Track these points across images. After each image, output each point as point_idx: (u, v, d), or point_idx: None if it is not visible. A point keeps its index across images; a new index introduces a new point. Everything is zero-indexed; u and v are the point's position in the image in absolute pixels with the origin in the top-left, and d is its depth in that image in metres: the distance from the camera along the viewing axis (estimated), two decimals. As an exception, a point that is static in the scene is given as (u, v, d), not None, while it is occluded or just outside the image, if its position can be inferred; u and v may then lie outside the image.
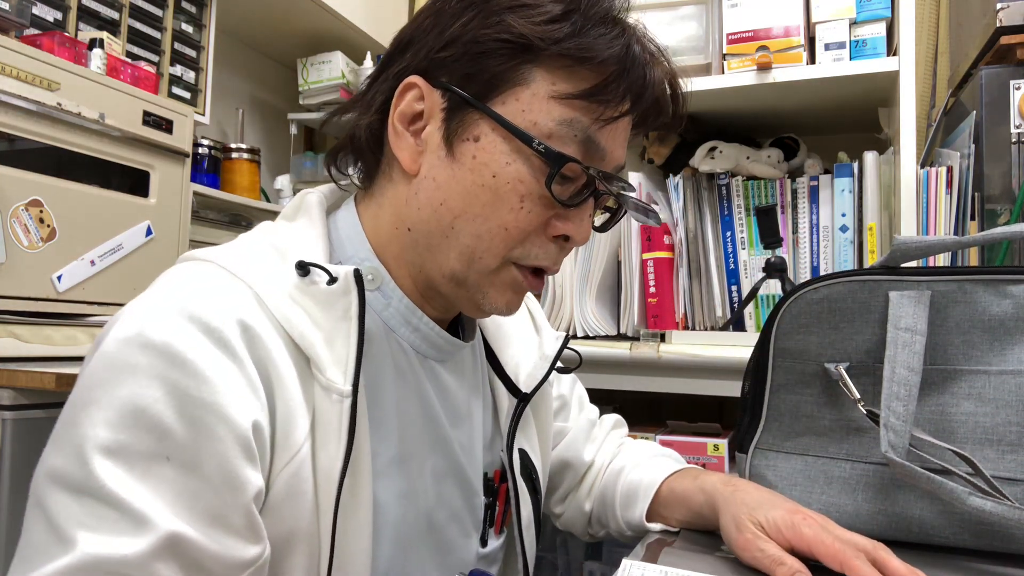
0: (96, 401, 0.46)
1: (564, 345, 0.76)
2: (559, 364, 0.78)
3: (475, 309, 0.62)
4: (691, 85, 0.64)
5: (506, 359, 0.73)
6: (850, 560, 0.54)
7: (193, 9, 1.44)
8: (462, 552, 0.67)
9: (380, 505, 0.57)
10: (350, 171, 0.65)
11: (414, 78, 0.57)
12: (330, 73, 1.67)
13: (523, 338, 0.77)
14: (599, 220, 0.65)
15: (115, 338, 0.48)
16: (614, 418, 0.90)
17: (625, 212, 0.65)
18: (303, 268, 0.54)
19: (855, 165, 1.25)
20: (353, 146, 0.63)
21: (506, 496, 0.71)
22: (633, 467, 0.78)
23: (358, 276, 0.55)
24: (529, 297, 0.82)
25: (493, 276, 0.59)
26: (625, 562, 0.58)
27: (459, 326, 0.69)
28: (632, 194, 0.63)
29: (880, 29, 1.22)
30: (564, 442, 0.83)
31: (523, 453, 0.72)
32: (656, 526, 0.72)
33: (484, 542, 0.69)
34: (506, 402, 0.72)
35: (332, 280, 0.54)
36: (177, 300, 0.49)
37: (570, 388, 0.87)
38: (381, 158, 0.62)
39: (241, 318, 0.50)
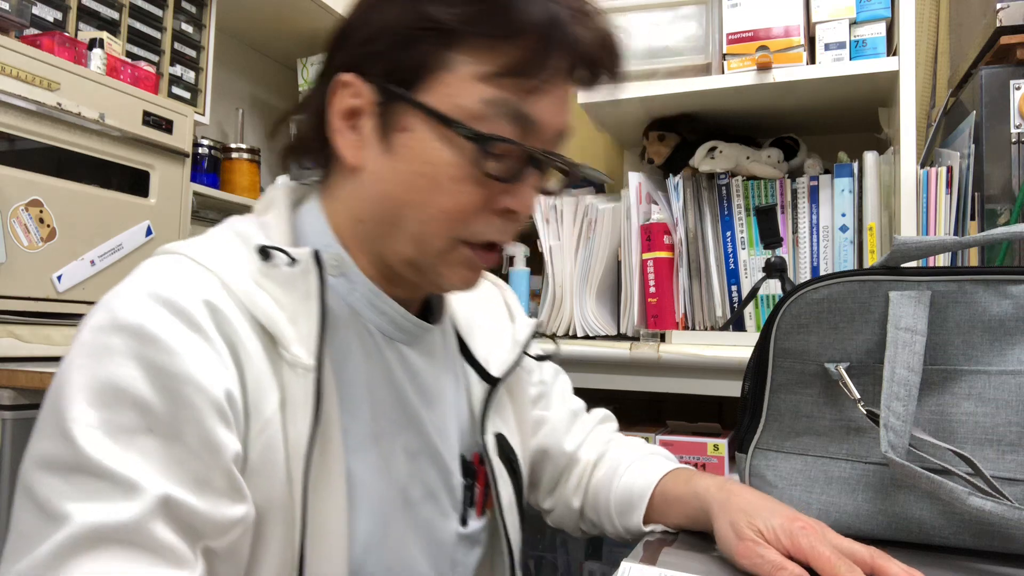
0: (76, 385, 0.48)
1: (534, 331, 0.78)
2: (540, 353, 0.81)
3: (436, 288, 0.65)
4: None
5: (476, 347, 0.74)
6: (845, 574, 0.54)
7: (193, 9, 1.44)
8: (441, 532, 0.68)
9: (356, 479, 0.59)
10: (308, 167, 0.67)
11: (346, 75, 0.58)
12: (330, 73, 1.67)
13: (496, 327, 0.78)
14: (554, 185, 0.66)
15: (90, 327, 0.51)
16: (601, 412, 0.90)
17: (576, 176, 0.65)
18: (264, 252, 0.57)
19: (855, 165, 1.25)
20: (303, 146, 0.65)
21: (486, 478, 0.72)
22: (625, 469, 0.77)
23: (317, 257, 0.57)
24: (506, 288, 0.85)
25: (445, 256, 0.60)
26: (624, 564, 0.58)
27: (429, 312, 0.71)
28: (573, 163, 0.63)
29: (880, 29, 1.22)
30: (544, 431, 0.83)
31: (501, 437, 0.73)
32: (656, 527, 0.72)
33: (464, 522, 0.70)
34: (478, 389, 0.73)
35: (293, 262, 0.57)
36: (146, 286, 0.52)
37: (552, 378, 0.87)
38: (330, 155, 0.63)
39: (207, 299, 0.53)
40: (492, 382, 0.73)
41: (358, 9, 0.61)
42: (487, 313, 0.79)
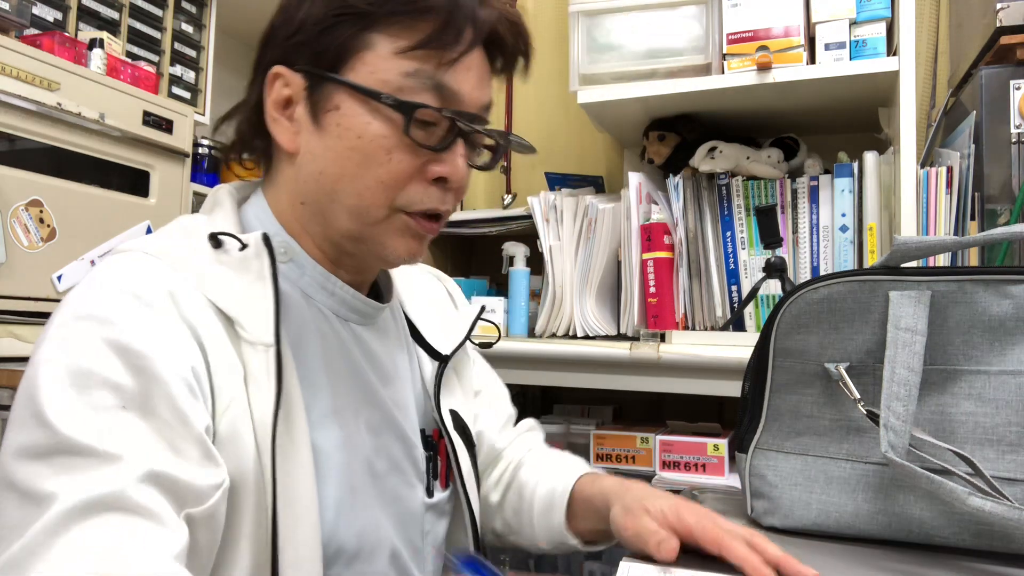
0: (47, 375, 0.50)
1: (479, 315, 0.84)
2: (484, 341, 0.88)
3: (382, 261, 0.68)
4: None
5: (424, 328, 0.79)
6: (728, 542, 0.57)
7: (193, 9, 1.44)
8: (408, 502, 0.71)
9: (321, 451, 0.62)
10: (247, 163, 0.71)
11: (277, 68, 0.63)
12: (330, 73, 1.67)
13: (441, 314, 0.83)
14: (484, 160, 0.69)
15: (55, 324, 0.53)
16: (530, 422, 0.94)
17: (504, 148, 0.69)
18: (215, 240, 0.61)
19: (855, 165, 1.25)
20: (243, 142, 0.69)
21: (446, 451, 0.76)
22: (547, 473, 0.81)
23: (266, 239, 0.61)
24: (447, 280, 0.90)
25: (385, 225, 0.63)
26: (623, 564, 0.58)
27: (377, 294, 0.75)
28: (499, 131, 0.68)
29: (880, 29, 1.22)
30: (478, 426, 0.86)
31: (455, 412, 0.77)
32: (574, 542, 0.76)
33: (430, 493, 0.74)
34: (428, 367, 0.77)
35: (243, 247, 0.60)
36: (105, 279, 0.55)
37: (489, 380, 0.91)
38: (270, 148, 0.68)
39: (167, 287, 0.56)
40: (441, 360, 0.77)
41: (281, 8, 0.65)
42: (431, 301, 0.84)
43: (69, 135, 1.06)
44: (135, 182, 1.18)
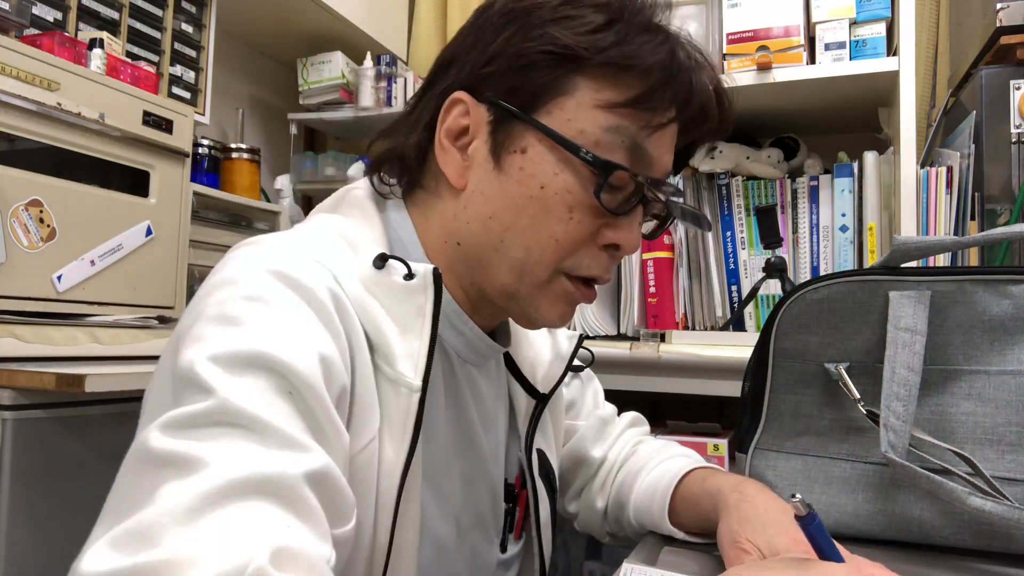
0: (204, 351, 0.44)
1: (579, 345, 0.76)
2: (578, 363, 0.79)
3: (527, 322, 0.62)
4: (737, 92, 0.63)
5: (522, 360, 0.72)
6: None
7: (193, 9, 1.44)
8: (485, 557, 0.67)
9: (424, 507, 0.57)
10: (392, 182, 0.65)
11: (459, 94, 0.58)
12: (330, 73, 1.67)
13: (536, 340, 0.76)
14: (647, 228, 0.64)
15: (205, 302, 0.48)
16: (631, 416, 0.88)
17: (674, 219, 0.64)
18: (383, 260, 0.55)
19: (855, 165, 1.25)
20: (401, 163, 0.63)
21: (526, 500, 0.71)
22: (650, 471, 0.75)
23: (436, 275, 0.55)
24: None
25: (545, 288, 0.58)
26: (625, 565, 0.57)
27: (494, 331, 0.69)
28: (680, 200, 0.63)
29: (880, 29, 1.22)
30: (575, 439, 0.82)
31: (541, 453, 0.71)
32: (678, 534, 0.69)
33: (504, 547, 0.70)
34: (524, 403, 0.71)
35: (410, 276, 0.55)
36: (269, 262, 0.49)
37: (584, 385, 0.86)
38: (427, 173, 0.62)
39: (331, 288, 0.51)
40: (540, 398, 0.71)
41: (473, 30, 0.60)
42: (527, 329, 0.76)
43: (69, 135, 1.06)
44: (135, 182, 1.18)
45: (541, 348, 0.76)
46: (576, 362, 0.79)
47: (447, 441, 0.62)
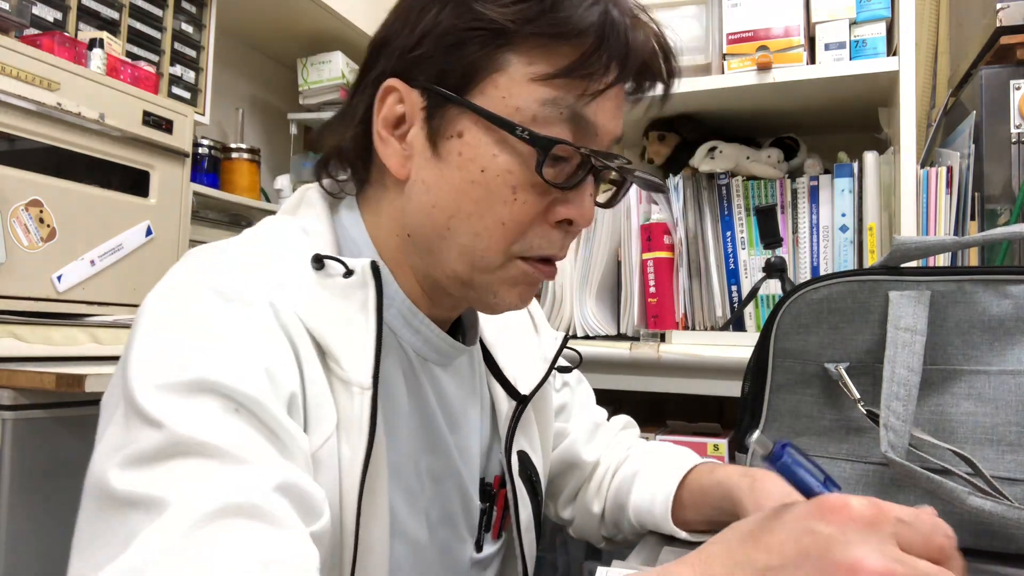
0: (146, 378, 0.45)
1: (563, 345, 0.75)
2: (562, 364, 0.78)
3: (487, 308, 0.61)
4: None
5: (504, 362, 0.72)
6: None
7: (193, 9, 1.44)
8: (456, 556, 0.66)
9: (392, 503, 0.57)
10: (342, 177, 0.64)
11: (392, 81, 0.56)
12: (330, 73, 1.67)
13: (522, 341, 0.75)
14: (603, 197, 0.62)
15: (140, 326, 0.48)
16: (623, 419, 0.88)
17: (630, 185, 0.62)
18: (319, 261, 0.54)
19: (855, 165, 1.25)
20: (341, 157, 0.62)
21: (505, 501, 0.70)
22: (648, 470, 0.75)
23: (375, 268, 0.54)
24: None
25: (499, 273, 0.57)
26: (600, 570, 0.55)
27: (460, 330, 0.68)
28: (632, 166, 0.61)
29: (880, 29, 1.22)
30: (565, 443, 0.81)
31: (523, 455, 0.71)
32: (680, 533, 0.69)
33: (479, 547, 0.69)
34: (505, 405, 0.70)
35: (348, 273, 0.54)
36: (206, 278, 0.49)
37: (574, 388, 0.85)
38: (371, 166, 0.61)
39: (271, 300, 0.50)
40: (521, 400, 0.70)
41: (400, 13, 0.58)
42: (512, 326, 0.76)
43: (69, 135, 1.06)
44: (135, 182, 1.18)
45: (526, 350, 0.74)
46: (564, 363, 0.78)
47: (412, 439, 0.61)
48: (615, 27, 0.54)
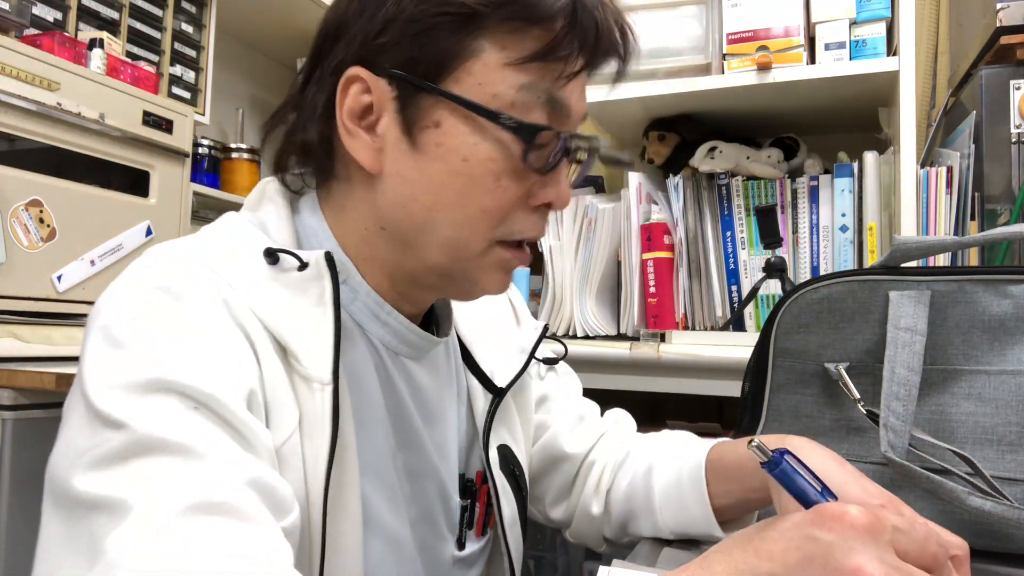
0: (102, 380, 0.45)
1: (542, 336, 0.74)
2: (548, 356, 0.77)
3: (465, 295, 0.61)
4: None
5: (481, 356, 0.70)
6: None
7: (193, 9, 1.44)
8: (436, 554, 0.65)
9: (368, 501, 0.56)
10: (299, 171, 0.62)
11: (355, 70, 0.54)
12: (330, 73, 1.67)
13: (501, 333, 0.74)
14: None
15: (94, 328, 0.48)
16: (617, 413, 0.84)
17: (593, 161, 0.62)
18: (271, 255, 0.53)
19: (855, 165, 1.25)
20: (302, 152, 0.59)
21: (487, 497, 0.68)
22: (663, 462, 0.70)
23: (329, 259, 0.53)
24: (512, 288, 0.79)
25: (480, 261, 0.56)
26: (602, 569, 0.55)
27: (433, 322, 0.67)
28: (599, 145, 0.60)
29: (880, 29, 1.22)
30: (547, 436, 0.78)
31: (505, 449, 0.69)
32: (718, 532, 0.64)
33: (461, 545, 0.67)
34: (482, 399, 0.69)
35: (303, 266, 0.53)
36: (157, 277, 0.49)
37: (556, 379, 0.82)
38: (335, 161, 0.58)
39: (224, 297, 0.50)
40: (497, 392, 0.68)
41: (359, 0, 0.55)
42: (492, 318, 0.74)
43: (69, 135, 1.06)
44: (135, 182, 1.18)
45: (505, 343, 0.73)
46: (551, 355, 0.77)
47: (386, 433, 0.60)
48: (585, 8, 0.53)
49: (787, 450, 0.44)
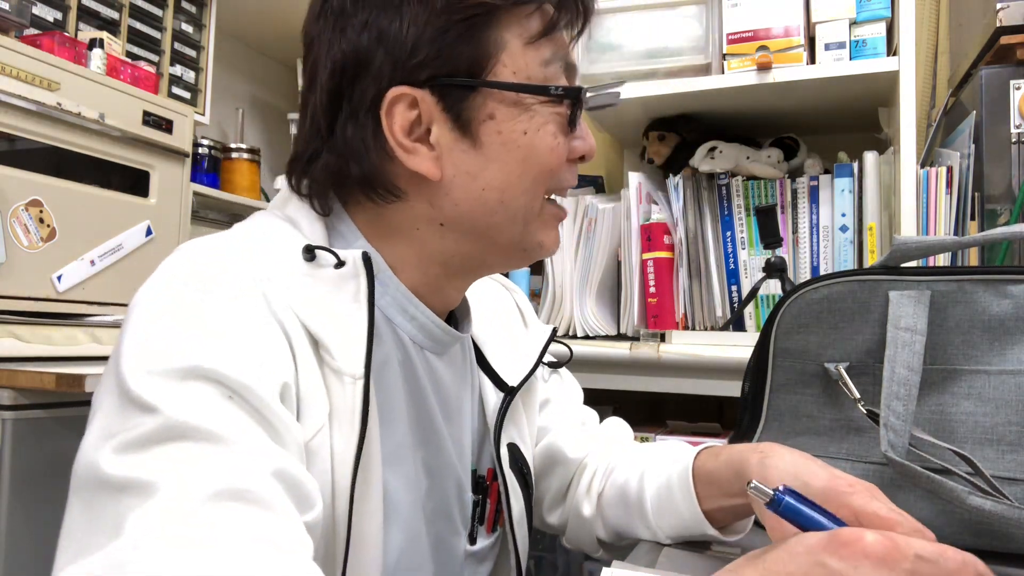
0: (139, 367, 0.45)
1: (551, 338, 0.76)
2: (551, 359, 0.78)
3: (527, 260, 0.65)
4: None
5: (492, 353, 0.72)
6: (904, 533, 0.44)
7: (193, 9, 1.44)
8: (449, 548, 0.65)
9: (389, 493, 0.57)
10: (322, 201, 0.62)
11: (396, 90, 0.55)
12: (330, 73, 1.67)
13: (511, 334, 0.76)
14: None
15: (132, 317, 0.49)
16: (614, 421, 0.86)
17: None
18: (310, 252, 0.55)
19: (855, 165, 1.25)
20: (366, 189, 0.59)
21: (497, 494, 0.70)
22: (655, 465, 0.70)
23: (366, 259, 0.55)
24: (516, 291, 0.83)
25: (540, 220, 0.61)
26: (605, 571, 0.55)
27: (453, 321, 0.68)
28: (608, 91, 0.68)
29: (880, 29, 1.22)
30: (548, 439, 0.79)
31: (514, 447, 0.70)
32: (711, 531, 0.64)
33: (473, 540, 0.69)
34: (492, 397, 0.70)
35: (340, 264, 0.55)
36: (198, 270, 0.50)
37: (560, 383, 0.84)
38: (386, 189, 0.59)
39: (263, 290, 0.51)
40: (509, 391, 0.70)
41: (369, 30, 0.56)
42: (501, 319, 0.76)
43: (69, 135, 1.06)
44: (135, 182, 1.18)
45: (514, 343, 0.75)
46: (552, 358, 0.79)
47: (408, 429, 0.61)
48: None
49: (786, 487, 0.44)
